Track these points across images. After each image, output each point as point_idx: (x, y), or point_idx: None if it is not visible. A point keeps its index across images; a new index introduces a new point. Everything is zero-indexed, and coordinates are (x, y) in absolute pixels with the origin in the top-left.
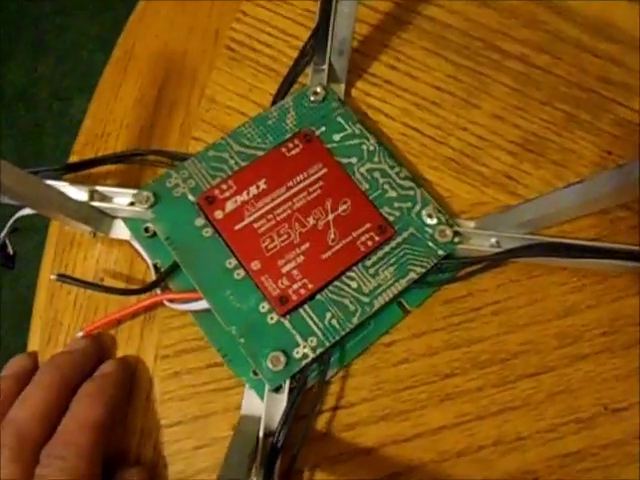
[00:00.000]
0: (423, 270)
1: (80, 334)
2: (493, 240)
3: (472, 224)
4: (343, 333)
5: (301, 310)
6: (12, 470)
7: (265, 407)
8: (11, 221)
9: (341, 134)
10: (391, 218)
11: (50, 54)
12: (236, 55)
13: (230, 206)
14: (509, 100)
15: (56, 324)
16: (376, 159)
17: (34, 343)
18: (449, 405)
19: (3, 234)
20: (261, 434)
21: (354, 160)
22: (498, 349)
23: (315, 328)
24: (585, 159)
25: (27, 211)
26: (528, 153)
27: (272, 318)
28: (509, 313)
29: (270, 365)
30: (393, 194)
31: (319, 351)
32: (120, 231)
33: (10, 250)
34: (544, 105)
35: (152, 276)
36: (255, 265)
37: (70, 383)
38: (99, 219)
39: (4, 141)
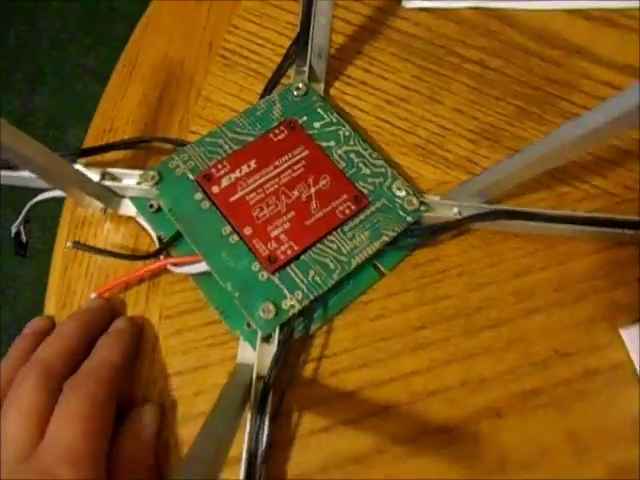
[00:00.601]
0: (394, 234)
1: (93, 295)
2: (455, 210)
3: (437, 198)
4: (325, 288)
5: (288, 268)
6: (36, 397)
7: (257, 355)
8: (26, 208)
9: (321, 122)
10: (365, 191)
11: (46, 85)
12: (228, 62)
13: (225, 182)
14: (468, 96)
15: (70, 292)
16: (351, 142)
17: (49, 309)
18: (420, 353)
19: (18, 222)
20: (254, 377)
21: (332, 144)
22: (462, 305)
23: (300, 283)
24: None
25: (40, 198)
26: (485, 140)
27: (263, 275)
28: (471, 274)
29: (262, 314)
30: (367, 171)
31: (304, 303)
32: (127, 209)
33: (24, 238)
34: (498, 100)
35: (156, 246)
36: (247, 230)
37: (88, 334)
38: (109, 197)
39: None
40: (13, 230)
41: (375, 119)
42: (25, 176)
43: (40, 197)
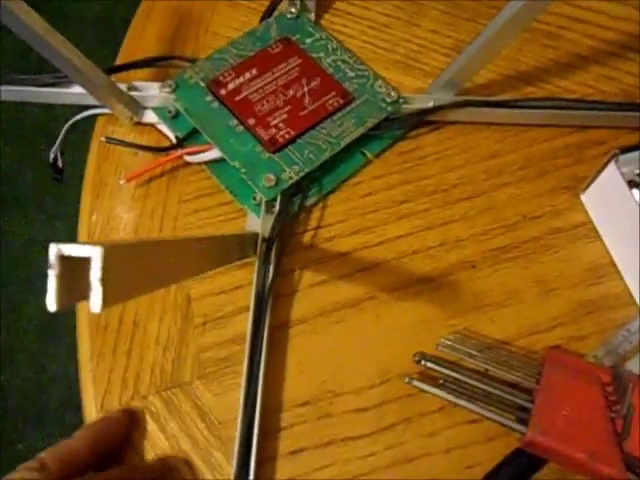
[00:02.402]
0: (376, 121)
1: (122, 181)
2: (430, 103)
3: (414, 94)
4: (318, 163)
5: (286, 149)
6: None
7: (262, 221)
8: (64, 129)
9: (311, 38)
10: (351, 89)
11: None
12: (232, 3)
13: (231, 86)
14: (442, 19)
15: (102, 184)
16: (338, 53)
17: (86, 201)
18: (404, 222)
19: (55, 147)
20: (260, 234)
21: (322, 55)
22: (440, 182)
23: (297, 160)
24: (502, 55)
25: (75, 119)
26: (458, 54)
27: (265, 154)
28: (448, 159)
29: (265, 183)
30: (352, 74)
31: (301, 174)
32: (150, 117)
33: (60, 163)
34: (469, 21)
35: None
36: (251, 121)
37: (96, 444)
38: (135, 107)
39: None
40: (51, 156)
41: (360, 42)
42: (72, 92)
43: (74, 118)
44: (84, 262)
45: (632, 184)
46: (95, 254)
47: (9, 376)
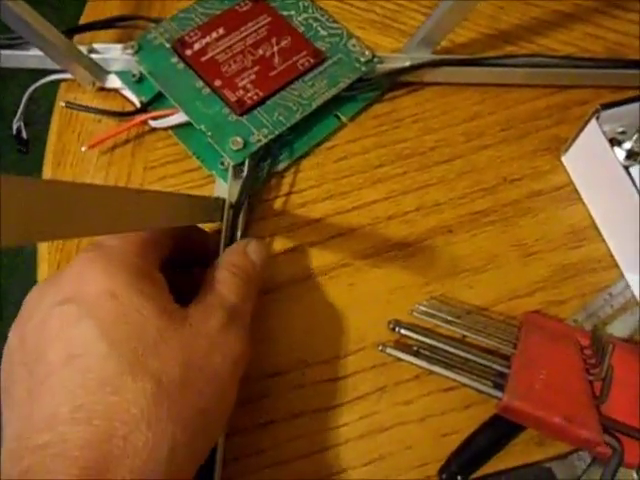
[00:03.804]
0: (349, 81)
1: (84, 148)
2: (407, 63)
3: (389, 54)
4: (288, 124)
5: (255, 111)
6: None
7: (229, 187)
8: (25, 97)
9: None
10: (323, 48)
11: None
12: None
13: (197, 46)
14: None
15: (64, 152)
16: (310, 11)
17: (47, 171)
18: (380, 186)
19: (17, 117)
20: (227, 201)
21: (292, 12)
22: (418, 145)
23: (266, 122)
24: (482, 13)
25: (35, 85)
26: None
27: (232, 117)
28: (426, 121)
29: (232, 146)
30: (324, 33)
31: (269, 137)
32: (113, 82)
33: (24, 134)
34: None
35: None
36: (217, 82)
37: None
38: (98, 71)
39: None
40: (14, 127)
41: (336, 1)
42: (29, 54)
43: (34, 85)
44: None
45: (614, 142)
46: None
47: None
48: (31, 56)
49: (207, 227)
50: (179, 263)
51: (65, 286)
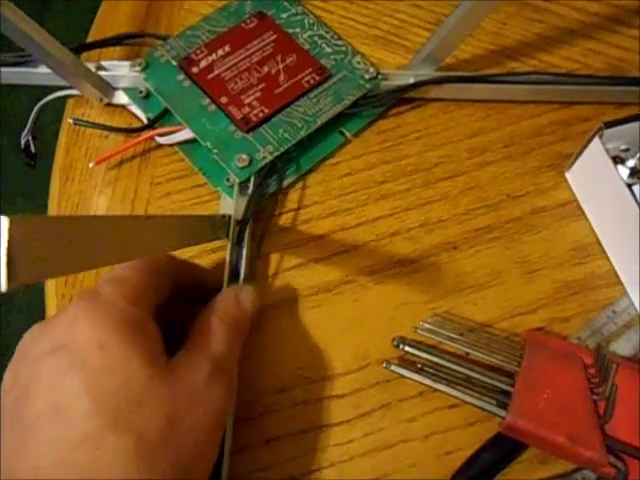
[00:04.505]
0: (354, 98)
1: (91, 165)
2: (411, 80)
3: (394, 70)
4: (293, 141)
5: (260, 128)
6: None
7: (235, 204)
8: (33, 112)
9: (287, 13)
10: (328, 65)
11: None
12: None
13: (203, 64)
14: None
15: (72, 169)
16: (315, 28)
17: (55, 186)
18: (384, 202)
19: (26, 131)
20: (233, 216)
21: (298, 30)
22: (422, 162)
23: (271, 139)
24: (486, 30)
25: (44, 101)
26: None
27: (238, 134)
28: (429, 137)
29: (238, 164)
30: (329, 50)
31: (275, 154)
32: (120, 98)
33: (32, 148)
34: None
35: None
36: (223, 99)
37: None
38: (105, 88)
39: None
40: (22, 141)
41: (339, 17)
42: (37, 72)
43: (43, 101)
44: None
45: (617, 160)
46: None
47: (1, 367)
48: (39, 73)
49: (208, 260)
50: (179, 298)
51: (58, 333)
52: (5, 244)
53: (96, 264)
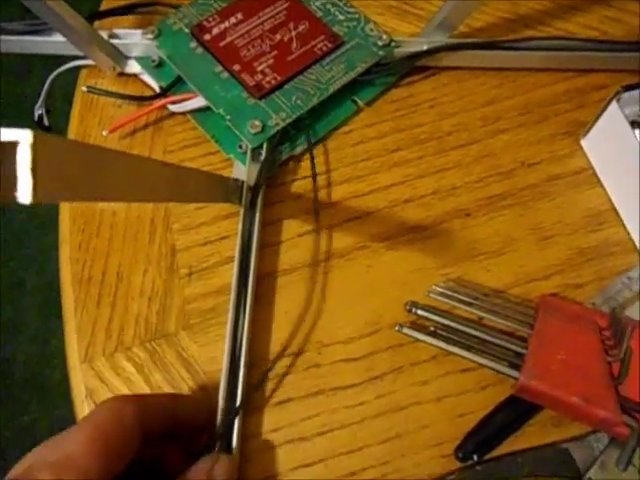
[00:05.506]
0: (367, 65)
1: (105, 132)
2: (424, 47)
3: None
4: (306, 108)
5: (273, 95)
6: None
7: (247, 170)
8: (47, 84)
9: None
10: (341, 33)
11: None
12: None
13: (215, 31)
14: None
15: (85, 137)
16: None
17: None
18: (396, 170)
19: (39, 103)
20: (245, 182)
21: None
22: (435, 130)
23: (284, 106)
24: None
25: (57, 72)
26: None
27: (250, 101)
28: (443, 106)
29: (251, 130)
30: (342, 17)
31: (287, 121)
32: (133, 67)
33: (46, 122)
34: None
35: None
36: (236, 67)
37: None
38: (118, 57)
39: None
40: (36, 114)
41: None
42: (51, 40)
43: (56, 71)
44: (12, 147)
45: (635, 125)
46: (24, 138)
47: (14, 350)
48: (53, 42)
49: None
50: (169, 435)
51: None
52: (30, 157)
53: (112, 196)
